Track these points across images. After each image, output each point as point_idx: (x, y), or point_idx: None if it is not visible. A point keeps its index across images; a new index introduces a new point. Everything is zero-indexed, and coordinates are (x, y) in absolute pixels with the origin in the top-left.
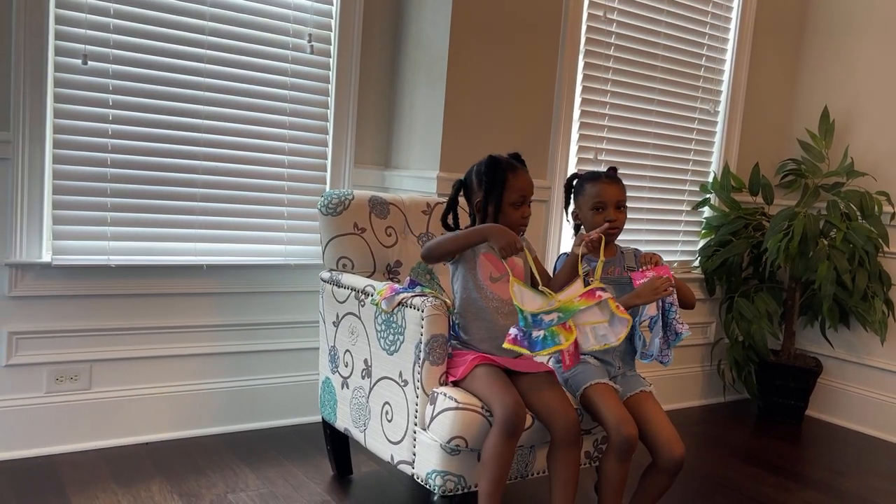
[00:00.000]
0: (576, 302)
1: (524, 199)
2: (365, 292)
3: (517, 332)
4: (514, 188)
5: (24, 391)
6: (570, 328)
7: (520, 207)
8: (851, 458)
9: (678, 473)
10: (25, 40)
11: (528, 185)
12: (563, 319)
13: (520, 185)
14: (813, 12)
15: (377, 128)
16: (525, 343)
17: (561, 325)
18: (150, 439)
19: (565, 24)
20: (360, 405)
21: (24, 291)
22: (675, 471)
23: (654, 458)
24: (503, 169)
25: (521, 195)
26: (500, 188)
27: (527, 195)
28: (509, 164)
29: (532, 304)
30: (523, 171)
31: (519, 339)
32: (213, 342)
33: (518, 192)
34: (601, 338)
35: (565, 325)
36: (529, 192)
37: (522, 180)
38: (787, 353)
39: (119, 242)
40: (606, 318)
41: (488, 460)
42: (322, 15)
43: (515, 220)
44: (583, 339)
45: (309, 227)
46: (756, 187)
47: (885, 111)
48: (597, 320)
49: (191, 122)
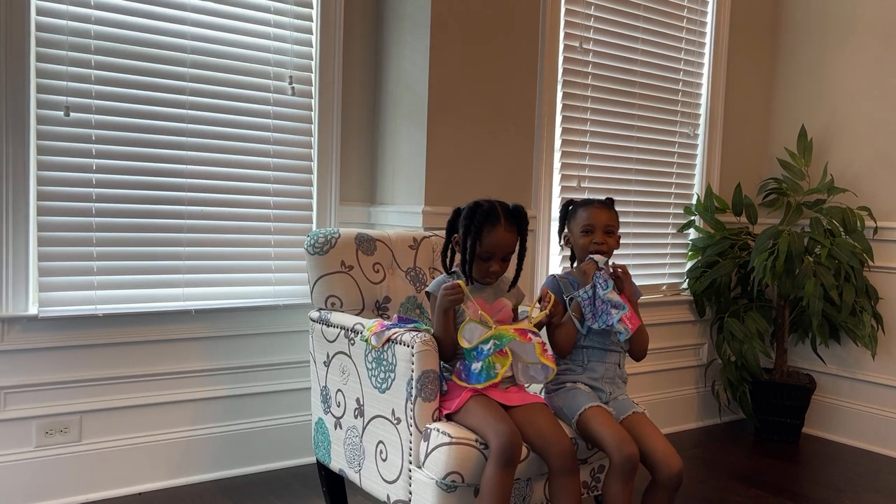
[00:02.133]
0: (510, 332)
1: (491, 255)
2: (354, 330)
3: (460, 366)
4: (484, 242)
5: (13, 446)
6: (505, 353)
7: (487, 261)
8: (851, 475)
9: (678, 489)
10: (7, 94)
11: (502, 243)
12: (498, 346)
13: (490, 242)
14: (784, 33)
15: (361, 164)
16: (463, 375)
17: (498, 353)
18: (143, 489)
19: (542, 55)
20: (353, 445)
21: (10, 345)
22: (674, 486)
23: (653, 476)
24: (480, 220)
25: (488, 251)
26: (473, 238)
27: (495, 253)
28: (489, 216)
29: (475, 337)
30: (503, 229)
31: (459, 372)
32: (204, 387)
33: (487, 247)
34: (530, 377)
35: (501, 351)
36: (500, 251)
37: (496, 237)
38: (779, 372)
39: (106, 291)
40: (537, 361)
41: (486, 493)
42: (302, 57)
43: (482, 272)
44: (515, 372)
45: (296, 267)
46: (739, 207)
47: (860, 127)
48: (527, 360)
49: (175, 167)
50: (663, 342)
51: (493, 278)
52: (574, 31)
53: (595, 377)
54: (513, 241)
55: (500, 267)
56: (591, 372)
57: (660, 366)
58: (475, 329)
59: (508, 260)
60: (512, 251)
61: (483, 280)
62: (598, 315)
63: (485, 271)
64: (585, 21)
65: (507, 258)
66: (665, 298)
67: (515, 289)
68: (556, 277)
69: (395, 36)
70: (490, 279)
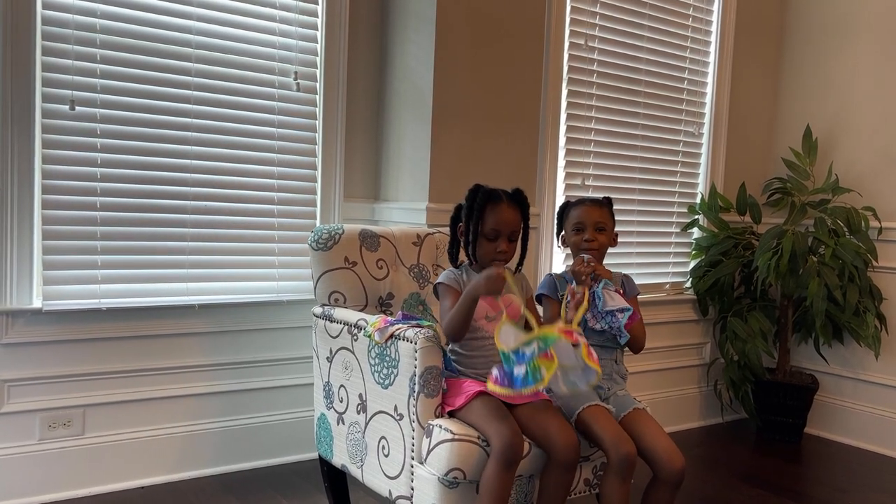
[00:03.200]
0: (555, 333)
1: (497, 233)
2: (358, 326)
3: (498, 373)
4: (488, 220)
5: (16, 439)
6: (551, 356)
7: (493, 241)
8: (853, 475)
9: (680, 486)
10: (13, 88)
11: (506, 220)
12: (543, 349)
13: (495, 219)
14: (790, 33)
15: (365, 161)
16: (506, 382)
17: (542, 355)
18: (145, 483)
19: (548, 52)
20: (356, 441)
21: (14, 338)
22: (676, 483)
23: (654, 473)
24: (482, 199)
25: (494, 228)
26: (476, 218)
27: (501, 230)
28: (491, 195)
29: (516, 341)
30: (506, 206)
31: (500, 378)
32: (206, 382)
33: (491, 224)
34: (571, 384)
35: (546, 354)
36: (505, 228)
37: (500, 214)
38: (782, 371)
39: (110, 285)
40: (580, 365)
41: (486, 492)
42: (307, 52)
43: (489, 253)
44: (553, 383)
45: (300, 263)
46: (743, 207)
47: (865, 127)
48: (570, 364)
49: (179, 162)
50: (666, 341)
51: (501, 260)
52: (579, 28)
53: None
54: (517, 219)
55: (507, 247)
56: None
57: (662, 365)
58: (511, 332)
59: (515, 240)
60: (517, 230)
61: (492, 264)
62: (601, 318)
63: (492, 252)
64: (591, 19)
65: (513, 237)
66: (668, 297)
67: (525, 284)
68: (552, 276)
69: (401, 33)
70: (499, 260)
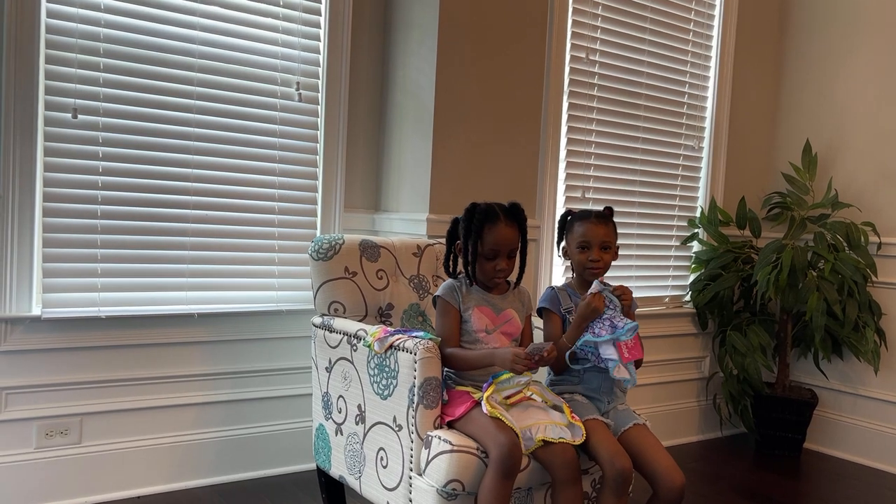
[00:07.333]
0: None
1: (496, 252)
2: (357, 336)
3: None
4: (486, 240)
5: (13, 447)
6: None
7: (492, 260)
8: (852, 491)
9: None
10: (16, 95)
11: (504, 239)
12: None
13: (493, 239)
14: (790, 48)
15: (366, 172)
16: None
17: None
18: (142, 493)
19: (549, 66)
20: (354, 451)
21: (13, 346)
22: (676, 501)
23: (654, 490)
24: (480, 219)
25: (492, 248)
26: (474, 238)
27: (500, 249)
28: (488, 214)
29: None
30: (503, 225)
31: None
32: (205, 391)
33: (490, 245)
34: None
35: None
36: (504, 248)
37: (497, 234)
38: (781, 386)
39: (109, 293)
40: (564, 422)
41: (484, 501)
42: (309, 63)
43: (489, 272)
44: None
45: (300, 273)
46: (743, 221)
47: (865, 142)
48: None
49: (181, 171)
50: (665, 354)
51: (501, 278)
52: (581, 42)
53: (592, 388)
54: (515, 236)
55: (507, 264)
56: (588, 383)
57: (661, 378)
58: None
59: (514, 257)
60: (516, 247)
61: (491, 282)
62: (601, 361)
63: (492, 271)
64: (592, 33)
65: (512, 255)
66: (667, 311)
67: (525, 299)
68: (554, 289)
69: (403, 44)
70: (499, 278)
